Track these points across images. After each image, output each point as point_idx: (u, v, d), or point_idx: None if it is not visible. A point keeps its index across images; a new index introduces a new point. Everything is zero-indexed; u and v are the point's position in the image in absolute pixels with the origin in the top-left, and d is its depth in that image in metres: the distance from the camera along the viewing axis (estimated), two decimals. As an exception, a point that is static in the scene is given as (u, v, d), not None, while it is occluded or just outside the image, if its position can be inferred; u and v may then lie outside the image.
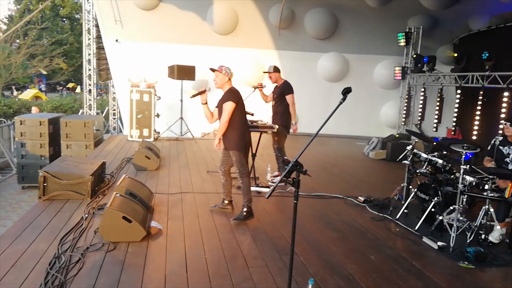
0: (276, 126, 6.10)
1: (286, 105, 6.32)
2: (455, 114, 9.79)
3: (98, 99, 17.66)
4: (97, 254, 3.65)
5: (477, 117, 8.83)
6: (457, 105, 9.71)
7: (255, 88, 6.44)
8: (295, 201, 2.62)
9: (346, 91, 2.67)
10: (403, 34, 11.43)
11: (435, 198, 4.64)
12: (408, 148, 5.24)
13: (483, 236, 4.33)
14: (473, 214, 4.67)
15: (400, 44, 11.62)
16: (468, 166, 4.23)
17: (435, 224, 4.49)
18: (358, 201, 5.74)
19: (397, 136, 10.16)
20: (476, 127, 8.91)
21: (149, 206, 4.85)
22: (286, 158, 2.51)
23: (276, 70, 6.41)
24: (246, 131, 4.82)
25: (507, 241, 4.25)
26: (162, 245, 3.94)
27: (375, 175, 8.07)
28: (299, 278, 3.36)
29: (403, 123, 12.03)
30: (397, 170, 7.80)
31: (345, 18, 12.19)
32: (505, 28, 9.89)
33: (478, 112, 8.79)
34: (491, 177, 4.26)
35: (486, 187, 4.30)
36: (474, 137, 8.93)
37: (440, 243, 4.17)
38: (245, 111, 4.85)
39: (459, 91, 9.59)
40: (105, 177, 6.31)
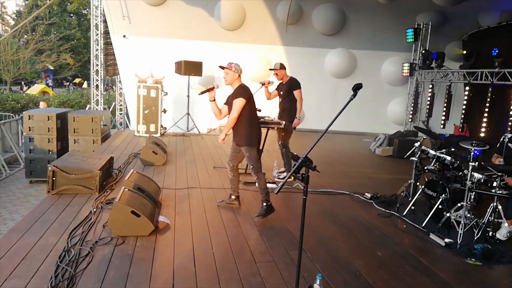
0: (283, 122, 6.13)
1: (294, 101, 6.31)
2: (463, 111, 9.72)
3: (105, 95, 17.72)
4: (106, 248, 3.69)
5: (486, 114, 8.76)
6: (465, 102, 9.64)
7: (262, 85, 6.43)
8: (304, 197, 2.62)
9: (357, 87, 2.66)
10: (412, 31, 11.35)
11: (443, 195, 4.63)
12: (416, 145, 5.23)
13: (491, 233, 4.32)
14: (481, 211, 4.65)
15: (409, 41, 11.54)
16: (477, 163, 4.21)
17: (442, 221, 4.49)
18: (365, 198, 5.73)
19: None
20: (485, 124, 8.85)
21: (157, 201, 4.88)
22: (296, 154, 2.51)
23: (282, 67, 6.41)
24: (258, 127, 4.82)
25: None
26: (170, 240, 3.97)
27: (382, 172, 8.05)
28: (306, 274, 3.37)
29: (410, 120, 11.97)
30: (404, 167, 7.78)
31: (353, 14, 12.13)
32: (515, 25, 9.80)
33: (487, 109, 8.72)
34: (500, 174, 4.24)
35: (495, 184, 4.28)
36: (482, 134, 8.86)
37: (448, 240, 4.17)
38: (256, 108, 4.84)
39: (468, 88, 9.51)
40: (113, 172, 6.35)
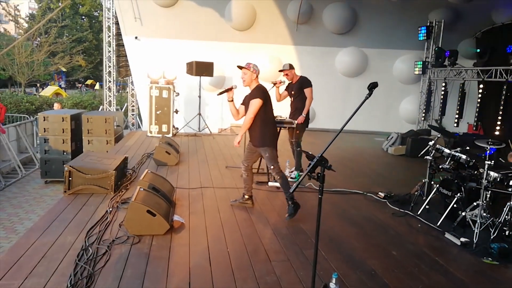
0: (295, 121, 6.16)
1: (305, 100, 6.32)
2: (477, 109, 9.61)
3: (117, 96, 17.91)
4: (123, 247, 3.74)
5: (500, 112, 8.65)
6: (479, 100, 9.52)
7: (274, 84, 6.44)
8: (320, 196, 2.63)
9: (373, 86, 2.65)
10: (425, 28, 11.26)
11: (458, 194, 4.59)
12: (431, 144, 5.19)
13: (507, 233, 4.26)
14: (497, 210, 4.60)
15: (420, 39, 11.44)
16: (493, 162, 4.16)
17: (458, 220, 4.45)
18: (379, 197, 5.71)
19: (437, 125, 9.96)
20: (499, 123, 8.74)
21: (171, 201, 4.92)
22: (311, 153, 2.52)
23: (291, 67, 6.43)
24: (274, 128, 4.85)
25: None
26: (185, 239, 4.01)
27: (395, 171, 8.00)
28: (321, 273, 3.38)
29: (423, 119, 11.87)
30: (417, 166, 7.73)
31: (364, 12, 12.07)
32: (530, 21, 9.67)
33: (502, 107, 8.62)
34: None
35: (511, 183, 4.23)
36: (497, 133, 8.76)
37: (463, 239, 4.14)
38: (272, 108, 4.83)
39: (482, 86, 9.40)
40: (127, 172, 6.42)
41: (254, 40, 12.17)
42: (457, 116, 10.33)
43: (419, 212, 4.99)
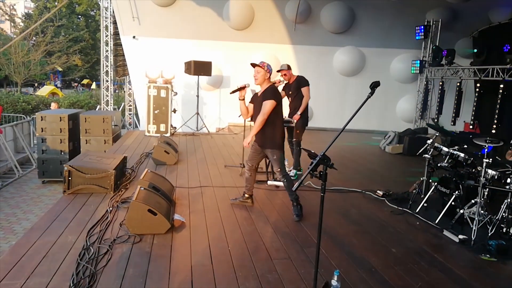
0: (294, 121, 6.19)
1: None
2: (474, 108, 9.67)
3: (114, 95, 17.88)
4: (124, 246, 3.75)
5: (497, 111, 8.71)
6: (476, 99, 9.59)
7: (273, 84, 6.45)
8: (322, 194, 2.66)
9: (375, 85, 2.68)
10: (423, 28, 11.30)
11: (456, 192, 4.63)
12: (429, 142, 5.23)
13: (505, 230, 4.31)
14: (495, 208, 4.64)
15: (417, 38, 11.50)
16: (491, 160, 4.20)
17: (456, 218, 4.49)
18: (377, 195, 5.74)
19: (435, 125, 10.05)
20: (496, 121, 8.80)
21: (172, 200, 4.94)
22: (313, 152, 2.55)
23: (289, 68, 6.45)
24: (282, 130, 4.84)
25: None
26: (186, 237, 4.02)
27: (393, 169, 8.05)
28: (322, 270, 3.40)
29: (420, 117, 11.93)
30: (415, 164, 7.77)
31: (362, 12, 12.12)
32: (527, 20, 9.73)
33: (498, 106, 8.68)
34: (514, 171, 4.23)
35: (509, 181, 4.28)
36: (494, 131, 8.82)
37: (462, 236, 4.18)
38: (282, 110, 4.83)
39: (479, 85, 9.46)
40: (126, 171, 6.43)
41: (252, 40, 12.19)
42: (454, 115, 10.40)
43: (418, 210, 5.04)
